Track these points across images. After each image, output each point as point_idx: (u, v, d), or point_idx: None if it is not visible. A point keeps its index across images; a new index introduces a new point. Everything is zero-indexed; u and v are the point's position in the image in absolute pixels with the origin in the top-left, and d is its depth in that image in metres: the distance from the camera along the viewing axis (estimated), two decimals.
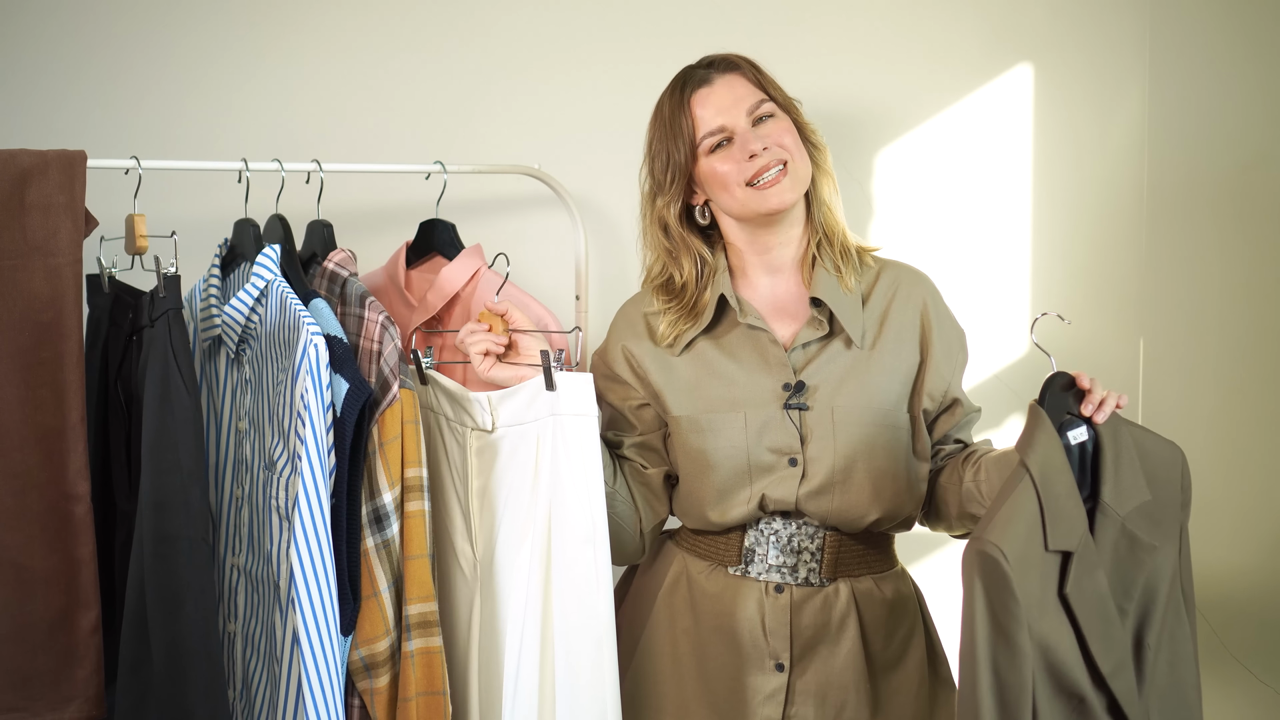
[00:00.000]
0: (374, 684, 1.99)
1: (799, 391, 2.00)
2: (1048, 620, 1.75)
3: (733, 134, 2.00)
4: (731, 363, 2.04)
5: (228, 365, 2.14)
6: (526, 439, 2.01)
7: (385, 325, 2.02)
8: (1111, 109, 2.79)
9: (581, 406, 1.96)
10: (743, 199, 2.00)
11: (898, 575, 2.10)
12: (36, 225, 1.97)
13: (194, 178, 2.28)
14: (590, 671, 1.96)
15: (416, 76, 2.58)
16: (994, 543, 1.72)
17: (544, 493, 1.98)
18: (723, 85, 2.02)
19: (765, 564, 2.02)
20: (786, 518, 2.02)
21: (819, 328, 2.02)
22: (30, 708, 1.98)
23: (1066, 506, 1.77)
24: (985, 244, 2.77)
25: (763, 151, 1.98)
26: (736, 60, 2.05)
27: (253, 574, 2.08)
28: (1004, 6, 2.76)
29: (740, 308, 2.04)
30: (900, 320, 2.04)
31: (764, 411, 2.00)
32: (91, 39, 2.45)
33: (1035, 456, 1.76)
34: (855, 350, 2.01)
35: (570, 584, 1.96)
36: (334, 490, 1.95)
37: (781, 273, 2.07)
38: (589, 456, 1.96)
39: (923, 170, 2.75)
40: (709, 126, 2.01)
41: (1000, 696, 1.72)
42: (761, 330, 2.04)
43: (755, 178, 1.98)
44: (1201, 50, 2.76)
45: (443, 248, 2.34)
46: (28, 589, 1.97)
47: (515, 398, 2.02)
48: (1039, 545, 1.74)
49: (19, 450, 1.96)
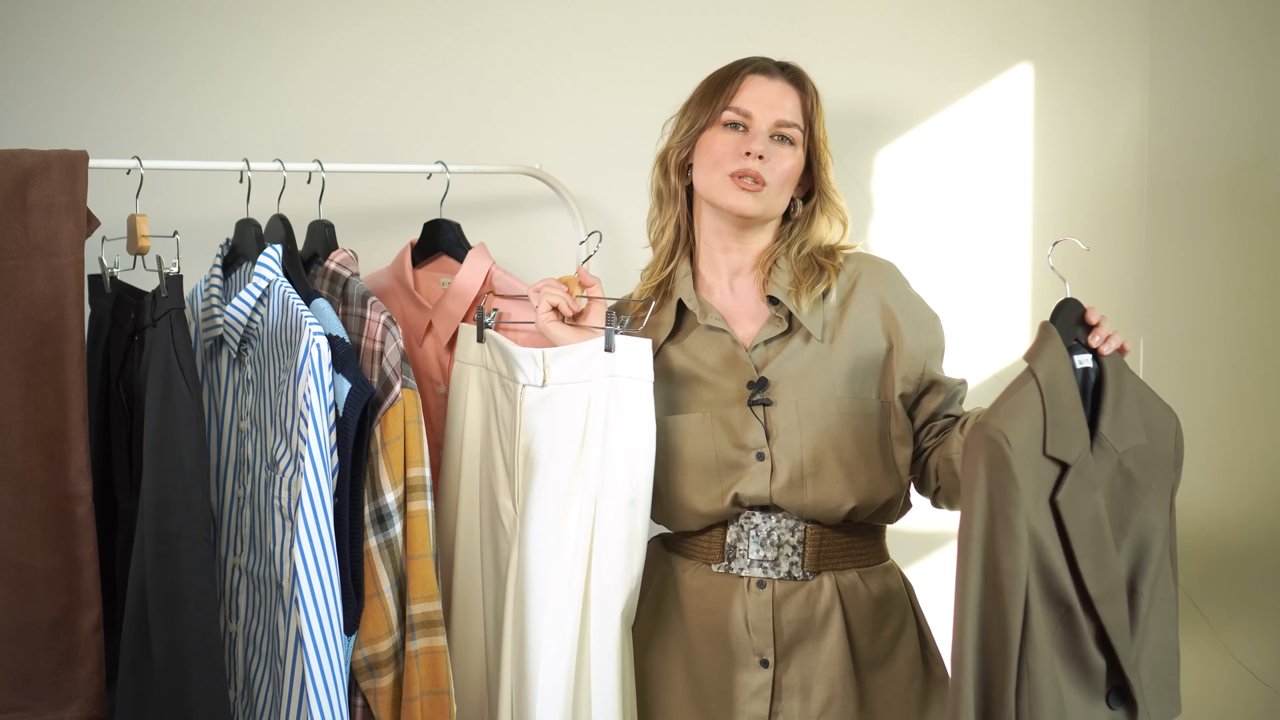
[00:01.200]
0: (377, 683, 1.99)
1: (762, 388, 2.03)
2: (1037, 519, 1.74)
3: (750, 127, 2.04)
4: (696, 365, 2.07)
5: (229, 365, 2.14)
6: (576, 398, 2.03)
7: (387, 325, 2.02)
8: (1111, 109, 2.79)
9: (639, 370, 1.99)
10: (714, 181, 2.04)
11: (886, 570, 2.09)
12: (38, 225, 1.97)
13: (196, 178, 2.28)
14: (623, 628, 1.99)
15: (418, 77, 2.59)
16: (998, 428, 1.72)
17: (594, 452, 2.01)
18: (778, 88, 2.06)
19: (747, 559, 2.03)
20: (765, 512, 2.03)
21: (778, 325, 2.05)
22: (31, 707, 1.98)
23: (1069, 418, 1.77)
24: (985, 244, 2.77)
25: (757, 159, 2.02)
26: (805, 81, 2.08)
27: (254, 574, 2.08)
28: (1004, 6, 2.76)
29: (701, 309, 2.08)
30: (860, 310, 2.06)
31: (729, 410, 2.03)
32: (95, 40, 2.45)
33: (1043, 364, 1.77)
34: (816, 344, 2.04)
35: (611, 542, 1.99)
36: (336, 490, 1.95)
37: (741, 274, 2.11)
38: (642, 420, 1.98)
39: (923, 170, 2.75)
40: (740, 105, 2.05)
41: (992, 581, 1.71)
42: (722, 331, 2.07)
43: (738, 173, 2.02)
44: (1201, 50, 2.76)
45: (449, 247, 2.34)
46: (29, 588, 1.97)
47: (571, 355, 2.05)
48: (1038, 446, 1.75)
49: (21, 450, 1.96)
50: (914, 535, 2.34)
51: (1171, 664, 1.89)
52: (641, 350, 1.99)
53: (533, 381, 2.08)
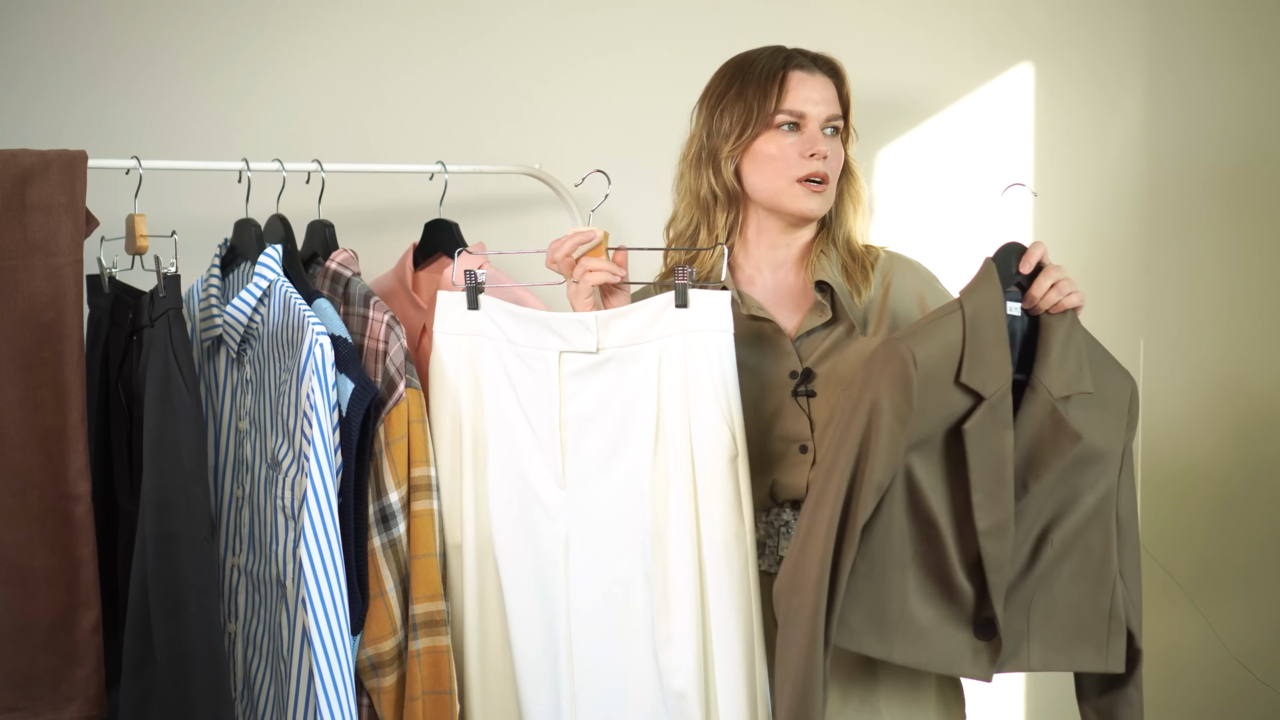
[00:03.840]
0: (381, 683, 1.99)
1: (807, 379, 2.00)
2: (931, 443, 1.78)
3: (805, 127, 2.02)
4: (738, 353, 2.00)
5: (227, 365, 2.14)
6: (644, 359, 1.93)
7: (391, 325, 2.02)
8: (1111, 109, 2.79)
9: (719, 322, 1.90)
10: (782, 189, 2.01)
11: None
12: (37, 225, 1.96)
13: (195, 178, 2.28)
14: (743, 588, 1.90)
15: (418, 77, 2.58)
16: (909, 346, 1.74)
17: (676, 414, 1.91)
18: (821, 82, 2.04)
19: (777, 555, 2.01)
20: (796, 508, 2.01)
21: (822, 314, 2.02)
22: (31, 707, 1.98)
23: (990, 352, 1.77)
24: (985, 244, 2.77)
25: (821, 160, 2.00)
26: (839, 70, 2.07)
27: (254, 574, 2.08)
28: (1004, 6, 2.76)
29: (742, 300, 2.04)
30: (898, 305, 2.05)
31: (773, 400, 2.01)
32: (97, 43, 2.45)
33: (972, 298, 1.78)
34: (858, 337, 2.02)
35: (718, 503, 1.90)
36: (340, 490, 1.95)
37: (784, 267, 2.08)
38: (728, 373, 1.90)
39: (923, 170, 2.75)
40: (794, 106, 2.01)
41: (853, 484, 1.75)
42: (765, 320, 2.03)
43: (807, 177, 2.00)
44: (1200, 50, 2.77)
45: (448, 248, 2.34)
46: (28, 589, 1.97)
47: (632, 316, 1.94)
48: (950, 374, 1.76)
49: (19, 450, 1.96)
50: None
51: (1094, 621, 1.87)
52: (720, 302, 1.90)
53: (580, 347, 1.96)
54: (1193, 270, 2.77)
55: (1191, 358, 2.77)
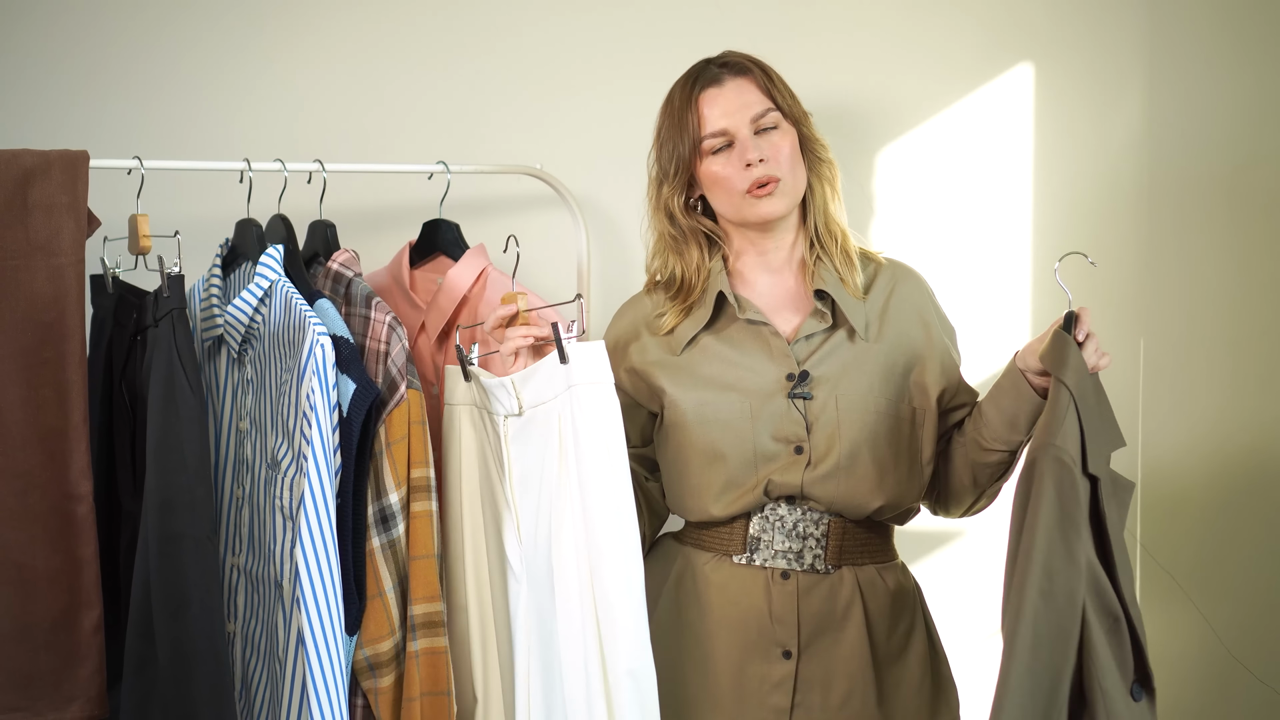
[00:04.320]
0: (378, 684, 1.99)
1: (803, 381, 2.02)
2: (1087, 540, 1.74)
3: (734, 139, 2.03)
4: (735, 353, 2.06)
5: (228, 365, 2.14)
6: (550, 419, 1.96)
7: (392, 326, 2.02)
8: (1111, 109, 2.79)
9: (595, 375, 1.91)
10: (736, 204, 2.04)
11: (899, 568, 2.11)
12: (39, 225, 1.97)
13: (197, 178, 2.28)
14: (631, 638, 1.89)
15: (419, 77, 2.58)
16: (1065, 449, 1.70)
17: (573, 469, 1.93)
18: (732, 88, 2.05)
19: (771, 550, 2.02)
20: (791, 503, 2.03)
21: (823, 320, 2.05)
22: (32, 707, 1.98)
23: (1100, 430, 1.77)
24: (986, 244, 2.77)
25: (759, 163, 2.01)
26: (749, 65, 2.07)
27: (253, 574, 2.08)
28: (1004, 6, 2.76)
29: (739, 304, 2.07)
30: (899, 315, 2.08)
31: (769, 401, 2.03)
32: (98, 43, 2.45)
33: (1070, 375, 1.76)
34: (859, 342, 2.04)
35: (607, 554, 1.89)
36: (339, 490, 1.95)
37: (780, 272, 2.10)
38: (609, 423, 1.90)
39: (923, 170, 2.75)
40: (713, 128, 2.04)
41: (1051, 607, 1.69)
42: (762, 324, 2.06)
43: (751, 187, 2.02)
44: (1200, 50, 2.77)
45: (447, 248, 2.34)
46: (30, 589, 1.97)
47: (535, 376, 1.97)
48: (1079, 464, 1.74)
49: (21, 450, 1.96)
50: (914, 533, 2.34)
51: None
52: (595, 353, 1.91)
53: (511, 411, 2.01)
54: (1193, 270, 2.77)
55: (1191, 358, 2.78)
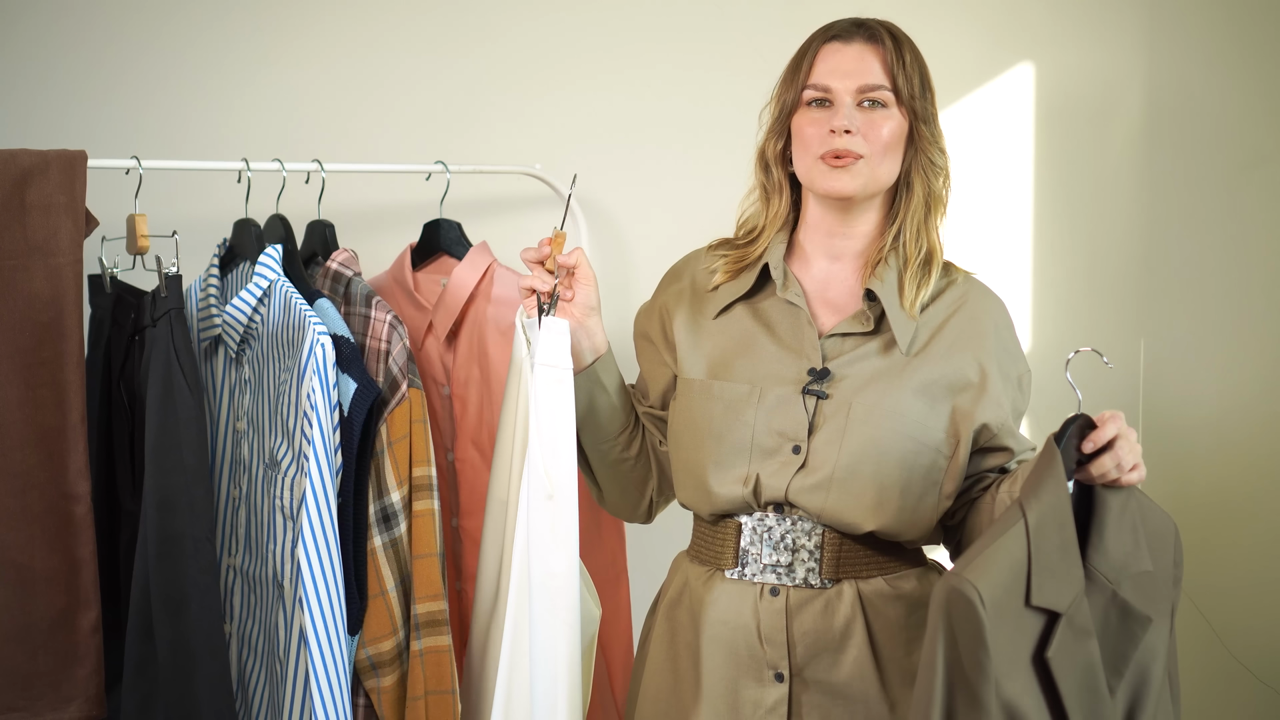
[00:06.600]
0: (381, 682, 1.99)
1: (822, 378, 1.86)
2: (1017, 683, 1.56)
3: (833, 100, 1.88)
4: (763, 335, 1.92)
5: (225, 365, 2.14)
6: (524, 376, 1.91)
7: (393, 325, 2.02)
8: (1111, 109, 2.79)
9: (552, 357, 1.84)
10: (808, 167, 1.89)
11: (921, 574, 1.90)
12: (37, 225, 1.96)
13: (195, 178, 2.28)
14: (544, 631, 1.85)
15: (418, 77, 2.58)
16: (971, 582, 1.53)
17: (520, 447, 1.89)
18: (854, 52, 1.90)
19: (760, 564, 1.86)
20: (780, 512, 1.86)
21: (863, 323, 1.89)
22: (31, 707, 1.98)
23: (1057, 562, 1.59)
24: (986, 244, 2.77)
25: (844, 134, 1.85)
26: (883, 35, 1.91)
27: (250, 574, 2.08)
28: (1004, 6, 2.76)
29: (784, 280, 1.92)
30: (957, 334, 1.89)
31: (780, 391, 1.87)
32: (97, 43, 2.45)
33: (1035, 502, 1.59)
34: (895, 355, 1.87)
35: (533, 541, 1.84)
36: (340, 489, 1.95)
37: (841, 260, 1.94)
38: (557, 408, 1.83)
39: None
40: (817, 80, 1.89)
41: None
42: (799, 309, 1.91)
43: (828, 155, 1.86)
44: (1201, 50, 2.77)
45: (449, 247, 2.34)
46: (28, 589, 1.97)
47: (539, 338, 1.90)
48: (1019, 598, 1.57)
49: (19, 450, 1.96)
50: None
51: None
52: (556, 333, 1.82)
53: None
54: (1193, 270, 2.77)
55: (1192, 358, 2.77)
